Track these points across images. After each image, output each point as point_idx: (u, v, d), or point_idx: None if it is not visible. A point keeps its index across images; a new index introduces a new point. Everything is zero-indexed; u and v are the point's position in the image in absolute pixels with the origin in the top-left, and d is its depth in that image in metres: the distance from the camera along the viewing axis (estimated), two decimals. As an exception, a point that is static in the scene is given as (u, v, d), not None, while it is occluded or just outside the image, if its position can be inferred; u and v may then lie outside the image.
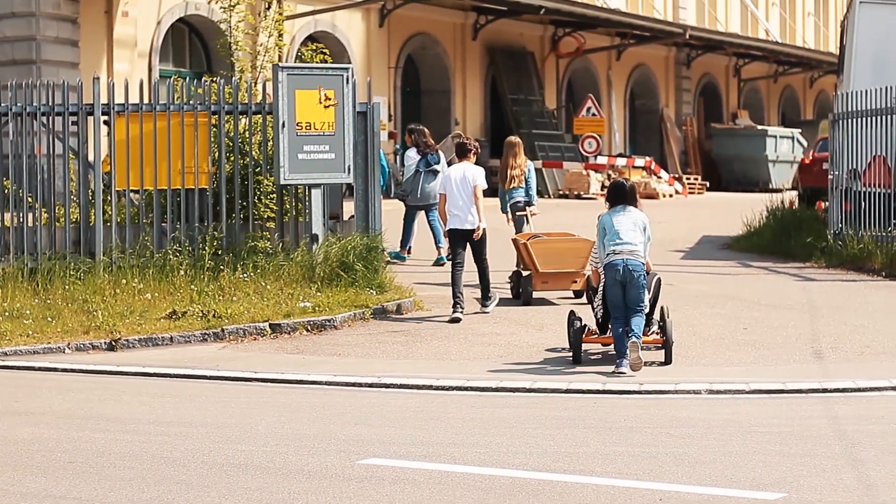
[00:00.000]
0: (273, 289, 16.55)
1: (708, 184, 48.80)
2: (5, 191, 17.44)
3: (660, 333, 13.45)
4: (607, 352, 13.77)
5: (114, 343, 14.78)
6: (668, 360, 13.30)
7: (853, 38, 22.79)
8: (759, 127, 52.40)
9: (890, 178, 20.63)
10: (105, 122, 17.67)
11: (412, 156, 21.04)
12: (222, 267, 16.91)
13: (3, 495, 8.47)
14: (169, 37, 32.78)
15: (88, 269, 16.86)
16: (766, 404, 11.43)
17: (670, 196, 43.49)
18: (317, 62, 19.64)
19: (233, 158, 17.70)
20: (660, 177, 44.83)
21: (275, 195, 17.79)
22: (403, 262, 20.62)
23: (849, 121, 21.33)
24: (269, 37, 21.29)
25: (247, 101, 17.92)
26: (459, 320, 15.81)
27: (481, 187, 16.18)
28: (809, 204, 27.39)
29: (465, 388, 12.23)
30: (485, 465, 9.10)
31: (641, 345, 12.96)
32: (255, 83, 19.19)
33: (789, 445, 9.67)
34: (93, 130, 17.49)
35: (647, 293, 13.13)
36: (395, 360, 13.81)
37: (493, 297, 16.45)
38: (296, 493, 8.46)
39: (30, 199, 17.42)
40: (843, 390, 11.86)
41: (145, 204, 17.56)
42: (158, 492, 8.52)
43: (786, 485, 8.50)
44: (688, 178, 47.84)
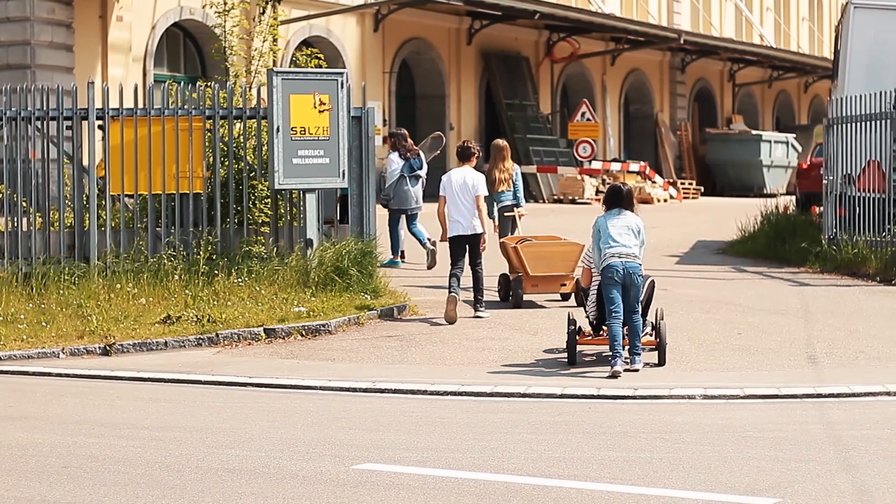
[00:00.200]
0: (268, 293, 16.54)
1: (702, 188, 48.86)
2: (0, 195, 17.44)
3: (653, 335, 13.56)
4: (601, 353, 13.85)
5: (108, 348, 14.77)
6: (662, 361, 13.41)
7: (847, 43, 22.80)
8: (753, 132, 52.47)
9: (884, 183, 20.64)
10: (99, 126, 17.65)
11: (395, 160, 20.99)
12: (217, 271, 16.90)
13: (-2, 500, 8.48)
14: (163, 41, 32.80)
15: (83, 274, 16.85)
16: (761, 409, 11.44)
17: (665, 201, 43.54)
18: (311, 67, 19.64)
19: (227, 163, 17.69)
20: (654, 181, 44.90)
21: (269, 200, 17.79)
22: (398, 267, 20.61)
23: (843, 126, 21.34)
24: (264, 41, 21.28)
25: (241, 106, 17.92)
26: (456, 300, 15.89)
27: (483, 195, 16.24)
28: (807, 209, 27.42)
29: (460, 393, 12.22)
30: (479, 471, 9.10)
31: (640, 353, 13.17)
32: (250, 88, 19.17)
33: (784, 450, 9.67)
34: (87, 135, 17.48)
35: (641, 293, 13.27)
36: (389, 365, 13.80)
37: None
38: (290, 498, 8.45)
39: (24, 204, 17.41)
40: (838, 395, 11.88)
41: (140, 208, 17.55)
42: (153, 497, 8.51)
43: (780, 490, 8.51)
44: (682, 183, 47.90)
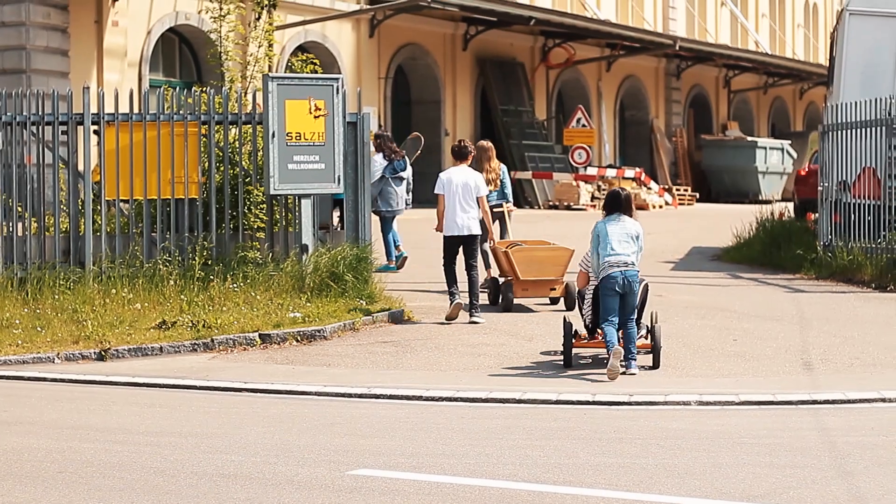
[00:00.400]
0: (263, 299, 16.53)
1: (698, 195, 48.91)
2: (-5, 200, 17.43)
3: (647, 338, 13.64)
4: (597, 355, 13.92)
5: (103, 353, 14.75)
6: (656, 364, 13.49)
7: (843, 50, 22.83)
8: (748, 138, 52.53)
9: (879, 189, 20.66)
10: (95, 131, 17.64)
11: (378, 161, 20.99)
12: (212, 277, 16.89)
13: (-8, 505, 8.47)
14: (159, 46, 32.79)
15: (78, 279, 16.84)
16: (756, 416, 11.44)
17: (660, 207, 43.58)
18: (307, 72, 19.65)
19: (223, 168, 17.68)
20: (650, 188, 44.93)
21: (265, 205, 17.79)
22: (395, 272, 20.59)
23: (838, 132, 21.36)
24: (260, 47, 21.30)
25: (237, 111, 17.92)
26: (461, 306, 16.17)
27: (485, 195, 16.50)
28: (805, 215, 27.43)
29: (455, 399, 12.22)
30: (475, 476, 9.10)
31: (635, 357, 13.23)
32: (245, 93, 19.20)
33: (779, 457, 9.68)
34: (82, 140, 17.47)
35: (637, 300, 13.41)
36: (384, 371, 13.80)
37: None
38: (286, 503, 8.45)
39: (19, 209, 17.39)
40: (833, 402, 11.88)
41: (135, 214, 17.54)
42: (148, 502, 8.50)
43: (775, 496, 8.50)
44: (678, 189, 47.94)
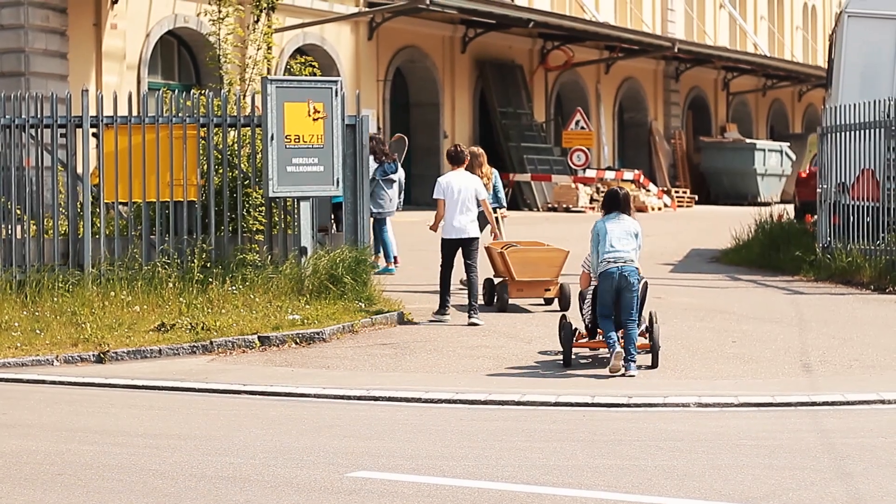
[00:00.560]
0: (262, 301, 16.53)
1: (697, 197, 48.91)
2: (-6, 203, 17.43)
3: (646, 337, 13.71)
4: (597, 355, 13.99)
5: (102, 355, 14.75)
6: (655, 363, 13.59)
7: (842, 52, 22.84)
8: (747, 140, 52.53)
9: (878, 191, 20.66)
10: (94, 134, 17.64)
11: (370, 164, 20.97)
12: (211, 279, 16.89)
13: (-9, 508, 8.47)
14: (158, 49, 32.79)
15: (77, 282, 16.83)
16: (755, 417, 11.44)
17: (659, 209, 43.58)
18: (306, 75, 19.64)
19: (221, 171, 17.68)
20: (648, 190, 44.93)
21: (264, 208, 17.78)
22: (393, 274, 20.58)
23: (837, 134, 21.36)
24: (258, 49, 21.31)
25: (235, 114, 17.91)
26: (446, 321, 16.44)
27: (485, 198, 16.85)
28: (805, 218, 27.42)
29: (454, 401, 12.22)
30: (474, 478, 9.10)
31: (635, 358, 13.30)
32: (244, 96, 19.19)
33: (778, 459, 9.68)
34: (81, 143, 17.47)
35: (637, 299, 13.45)
36: (383, 373, 13.80)
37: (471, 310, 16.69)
38: (285, 505, 8.46)
39: (18, 212, 17.39)
40: (832, 403, 11.88)
41: (134, 216, 17.53)
42: (147, 504, 8.52)
43: (774, 498, 8.50)
44: (676, 192, 47.95)
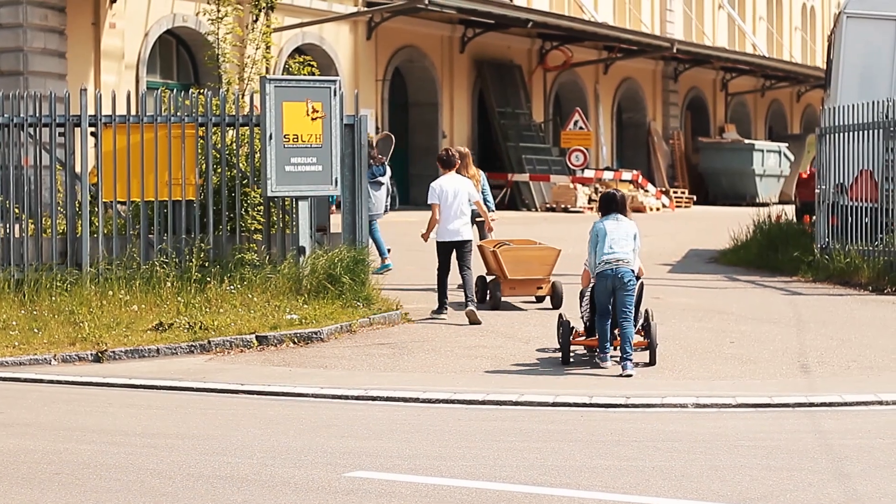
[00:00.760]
0: (260, 301, 16.52)
1: (695, 197, 48.93)
2: (-8, 202, 17.42)
3: (643, 335, 13.82)
4: (593, 353, 14.08)
5: (100, 354, 14.75)
6: (653, 361, 13.74)
7: (840, 53, 22.83)
8: (746, 141, 52.56)
9: (876, 192, 20.66)
10: (92, 133, 17.63)
11: None
12: (209, 279, 16.88)
13: (-11, 507, 8.46)
14: (156, 48, 32.80)
15: (75, 281, 16.82)
16: (753, 418, 11.44)
17: (657, 210, 43.60)
18: (304, 74, 19.63)
19: (220, 170, 17.66)
20: (647, 190, 44.95)
21: (262, 207, 17.77)
22: (390, 269, 20.57)
23: (836, 135, 21.36)
24: (257, 49, 21.30)
25: (234, 113, 17.89)
26: (444, 319, 16.65)
27: (478, 199, 17.19)
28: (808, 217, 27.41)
29: (452, 401, 12.22)
30: (471, 479, 9.09)
31: (631, 356, 13.40)
32: (243, 95, 19.17)
33: (776, 459, 9.68)
34: (80, 142, 17.46)
35: (633, 298, 13.54)
36: (381, 373, 13.80)
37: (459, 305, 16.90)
38: (282, 505, 8.46)
39: (16, 211, 17.38)
40: (830, 404, 11.88)
41: (132, 215, 17.51)
42: (144, 503, 8.52)
43: (772, 499, 8.50)
44: (675, 192, 47.97)
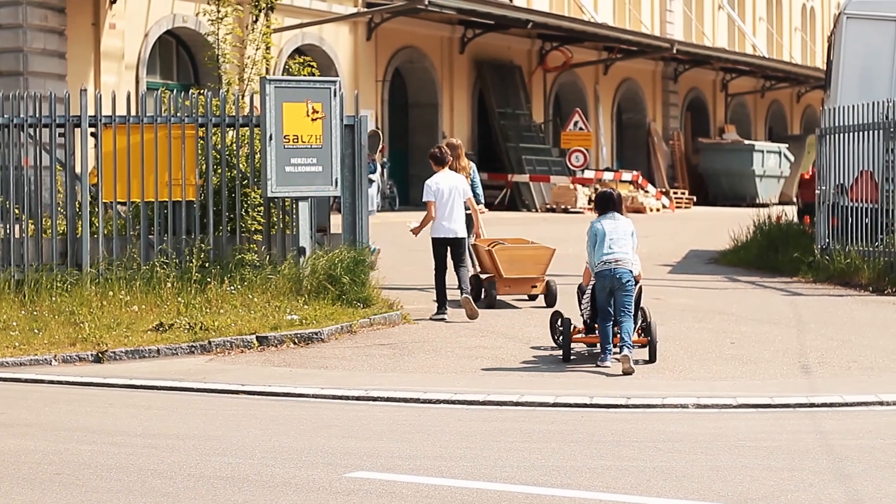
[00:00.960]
0: (260, 301, 16.52)
1: (695, 198, 48.94)
2: (-8, 202, 17.42)
3: (641, 334, 14.02)
4: (592, 350, 14.21)
5: (101, 355, 14.74)
6: (653, 358, 13.85)
7: (840, 54, 22.84)
8: (746, 142, 52.56)
9: (876, 193, 20.66)
10: (92, 133, 17.63)
11: None
12: (209, 279, 16.88)
13: (-11, 508, 8.46)
14: (156, 49, 32.80)
15: (75, 281, 16.81)
16: (754, 419, 11.43)
17: (657, 210, 43.59)
18: (304, 75, 19.63)
19: (220, 171, 17.66)
20: (647, 191, 44.95)
21: (262, 208, 17.77)
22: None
23: (836, 136, 21.36)
24: (257, 49, 21.30)
25: (234, 114, 17.89)
26: (445, 320, 16.65)
27: (470, 196, 17.25)
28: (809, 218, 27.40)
29: (453, 402, 12.22)
30: (472, 479, 9.09)
31: (632, 351, 13.52)
32: (243, 96, 19.17)
33: (776, 460, 9.67)
34: (80, 142, 17.46)
35: (632, 298, 13.67)
36: (382, 373, 13.80)
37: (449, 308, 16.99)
38: (283, 506, 8.45)
39: (16, 211, 17.38)
40: (831, 405, 11.88)
41: (132, 216, 17.51)
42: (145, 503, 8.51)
43: (773, 499, 8.50)
44: (675, 193, 47.97)
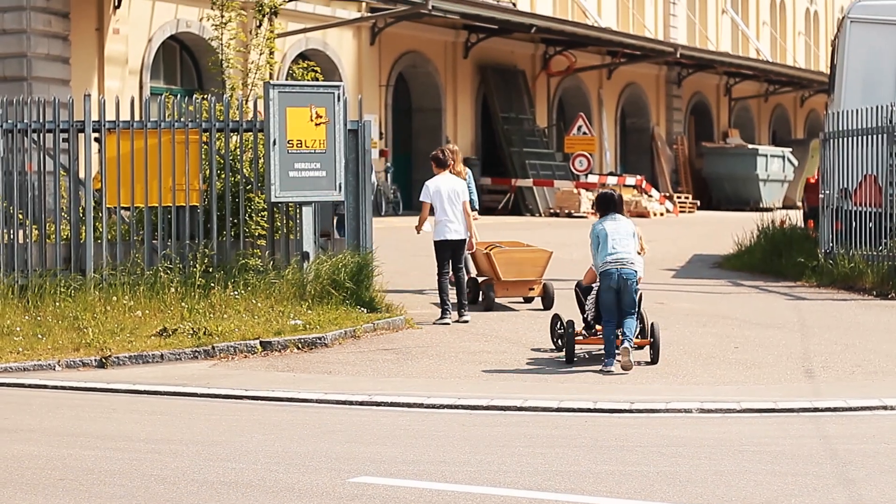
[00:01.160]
0: (264, 306, 16.52)
1: (699, 202, 48.91)
2: (-4, 207, 17.42)
3: (640, 336, 14.11)
4: (592, 351, 14.27)
5: (104, 360, 14.75)
6: (655, 359, 13.96)
7: (844, 58, 22.83)
8: (749, 146, 52.52)
9: (880, 197, 20.64)
10: (96, 139, 17.65)
11: None
12: (213, 284, 16.88)
13: (-7, 513, 8.46)
14: (160, 54, 32.81)
15: (79, 287, 16.82)
16: (758, 423, 11.43)
17: (661, 215, 43.57)
18: (308, 80, 19.63)
19: (224, 176, 17.68)
20: (651, 195, 44.94)
21: (266, 213, 17.78)
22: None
23: (839, 140, 21.35)
24: (261, 54, 21.28)
25: (238, 119, 17.91)
26: (448, 324, 16.67)
27: (466, 199, 17.21)
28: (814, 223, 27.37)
29: (456, 406, 12.21)
30: (476, 484, 9.09)
31: (632, 346, 13.63)
32: (247, 101, 19.18)
33: (780, 465, 9.67)
34: (83, 147, 17.47)
35: (636, 297, 13.78)
36: (385, 378, 13.79)
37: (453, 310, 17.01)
38: (286, 511, 8.45)
39: (20, 216, 17.40)
40: (835, 409, 11.87)
41: (136, 221, 17.53)
42: (148, 510, 8.51)
43: (777, 504, 8.51)
44: (678, 197, 47.93)
